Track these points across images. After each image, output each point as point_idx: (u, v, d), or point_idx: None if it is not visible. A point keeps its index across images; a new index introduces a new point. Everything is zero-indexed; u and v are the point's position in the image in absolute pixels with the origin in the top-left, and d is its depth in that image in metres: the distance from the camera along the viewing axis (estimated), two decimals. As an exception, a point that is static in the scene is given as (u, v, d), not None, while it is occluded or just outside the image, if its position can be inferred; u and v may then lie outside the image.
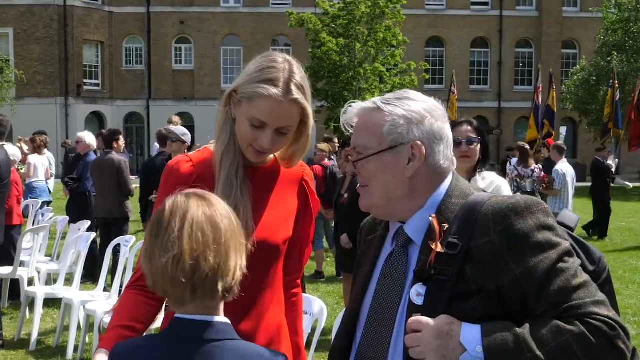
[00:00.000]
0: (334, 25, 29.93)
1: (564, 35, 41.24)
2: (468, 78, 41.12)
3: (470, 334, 1.69)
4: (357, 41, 29.48)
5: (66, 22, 37.76)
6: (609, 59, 31.07)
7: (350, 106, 2.02)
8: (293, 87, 2.18)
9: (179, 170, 2.28)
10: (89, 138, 10.38)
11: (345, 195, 7.54)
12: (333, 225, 9.17)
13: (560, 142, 12.65)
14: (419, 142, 1.89)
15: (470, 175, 4.40)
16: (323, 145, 11.17)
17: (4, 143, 9.78)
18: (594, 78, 31.81)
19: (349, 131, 2.01)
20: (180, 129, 8.25)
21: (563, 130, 41.00)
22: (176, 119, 10.64)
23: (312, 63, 30.24)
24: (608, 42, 32.47)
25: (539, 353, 1.63)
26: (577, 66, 34.38)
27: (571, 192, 11.17)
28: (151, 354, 1.71)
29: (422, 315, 1.75)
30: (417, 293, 1.80)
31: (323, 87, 30.39)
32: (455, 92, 18.44)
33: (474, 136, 4.38)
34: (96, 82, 39.47)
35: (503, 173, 11.74)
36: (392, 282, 1.92)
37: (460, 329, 1.71)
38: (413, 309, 1.79)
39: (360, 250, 2.19)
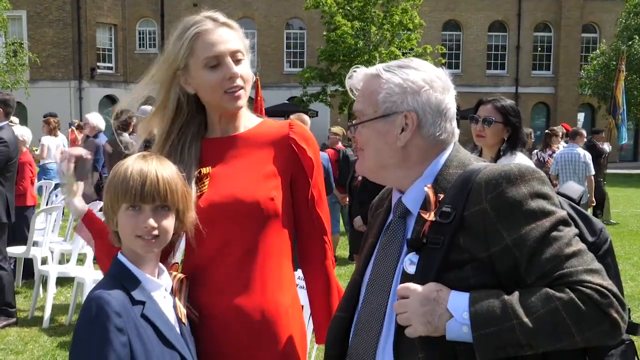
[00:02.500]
0: (349, 8, 29.78)
1: (584, 19, 40.87)
2: (485, 62, 40.90)
3: (458, 301, 1.70)
4: (372, 24, 29.36)
5: (79, 5, 37.77)
6: (630, 43, 30.76)
7: (354, 71, 2.04)
8: (217, 16, 2.27)
9: None
10: (96, 119, 10.36)
11: (359, 178, 7.47)
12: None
13: (577, 127, 12.54)
14: (412, 113, 1.90)
15: (495, 156, 4.30)
16: (337, 129, 11.13)
17: (14, 123, 9.78)
18: (614, 63, 31.41)
19: (354, 95, 2.03)
20: (142, 108, 8.20)
21: (581, 116, 40.74)
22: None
23: (327, 46, 30.13)
24: (629, 25, 32.16)
25: (526, 320, 1.62)
26: (597, 50, 34.01)
27: (568, 175, 10.99)
28: None
29: (413, 283, 1.76)
30: (409, 262, 1.82)
31: (338, 70, 30.27)
32: (623, 69, 16.89)
33: (492, 117, 4.27)
34: (110, 65, 39.53)
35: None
36: (388, 252, 1.95)
37: (448, 295, 1.71)
38: (406, 278, 1.81)
39: (368, 225, 2.22)
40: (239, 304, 2.21)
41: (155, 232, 2.00)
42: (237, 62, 2.24)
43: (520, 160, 4.27)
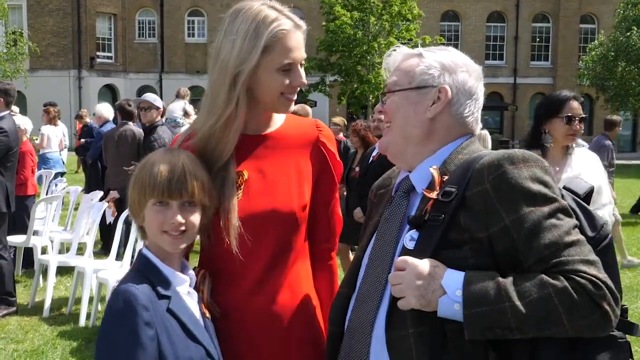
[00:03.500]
0: (348, -2, 29.69)
1: (583, 10, 40.81)
2: (483, 53, 40.80)
3: (453, 279, 1.72)
4: (371, 14, 29.28)
5: (79, -6, 37.69)
6: (628, 34, 30.69)
7: (395, 50, 2.09)
8: (292, 15, 2.18)
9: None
10: (103, 109, 10.79)
11: (357, 169, 7.50)
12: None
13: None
14: (446, 88, 1.95)
15: (565, 152, 4.25)
16: (337, 119, 11.03)
17: (14, 113, 9.81)
18: (612, 53, 31.43)
19: (387, 74, 2.08)
20: (151, 96, 8.15)
21: (579, 106, 40.64)
22: (183, 90, 10.56)
23: (326, 36, 30.07)
24: (628, 16, 32.03)
25: (518, 303, 1.64)
26: (595, 41, 33.94)
27: None
28: None
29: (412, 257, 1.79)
30: (410, 238, 1.85)
31: (337, 61, 30.23)
32: None
33: (583, 114, 4.19)
34: (109, 54, 39.48)
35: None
36: (389, 226, 1.98)
37: (444, 272, 1.74)
38: (405, 253, 1.83)
39: (370, 205, 2.24)
40: (273, 304, 2.21)
41: (183, 228, 1.98)
42: (301, 65, 2.20)
43: (586, 154, 4.29)
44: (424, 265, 1.75)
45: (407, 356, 1.78)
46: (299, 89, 2.21)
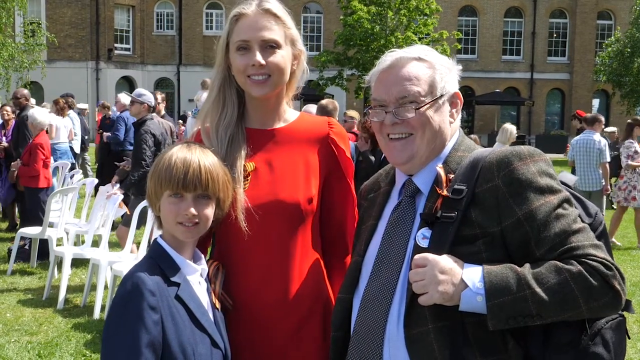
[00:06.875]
0: (365, -8, 29.59)
1: (600, 6, 40.55)
2: (500, 48, 40.64)
3: (472, 272, 1.78)
4: (389, 9, 29.19)
5: (97, -15, 37.80)
6: (645, 30, 30.49)
7: (389, 54, 2.06)
8: (264, 2, 2.27)
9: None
10: (124, 99, 11.60)
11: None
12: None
13: (595, 113, 12.37)
14: (458, 91, 2.05)
15: None
16: (353, 113, 11.03)
17: (31, 105, 9.88)
18: (629, 50, 31.29)
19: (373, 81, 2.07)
20: (137, 91, 8.21)
21: (596, 102, 40.44)
22: (210, 81, 10.69)
23: (343, 31, 30.01)
24: (644, 13, 31.82)
25: (538, 290, 1.71)
26: (612, 37, 33.76)
27: (583, 161, 10.82)
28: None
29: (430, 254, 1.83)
30: (422, 236, 1.90)
31: (354, 55, 30.17)
32: None
33: None
34: (127, 46, 39.59)
35: None
36: (399, 229, 2.01)
37: (463, 266, 1.80)
38: (418, 252, 1.86)
39: (361, 209, 2.29)
40: (282, 296, 2.25)
41: (196, 220, 2.06)
42: (269, 51, 2.23)
43: None
44: (443, 260, 1.79)
45: (428, 351, 1.83)
46: (264, 69, 2.23)
